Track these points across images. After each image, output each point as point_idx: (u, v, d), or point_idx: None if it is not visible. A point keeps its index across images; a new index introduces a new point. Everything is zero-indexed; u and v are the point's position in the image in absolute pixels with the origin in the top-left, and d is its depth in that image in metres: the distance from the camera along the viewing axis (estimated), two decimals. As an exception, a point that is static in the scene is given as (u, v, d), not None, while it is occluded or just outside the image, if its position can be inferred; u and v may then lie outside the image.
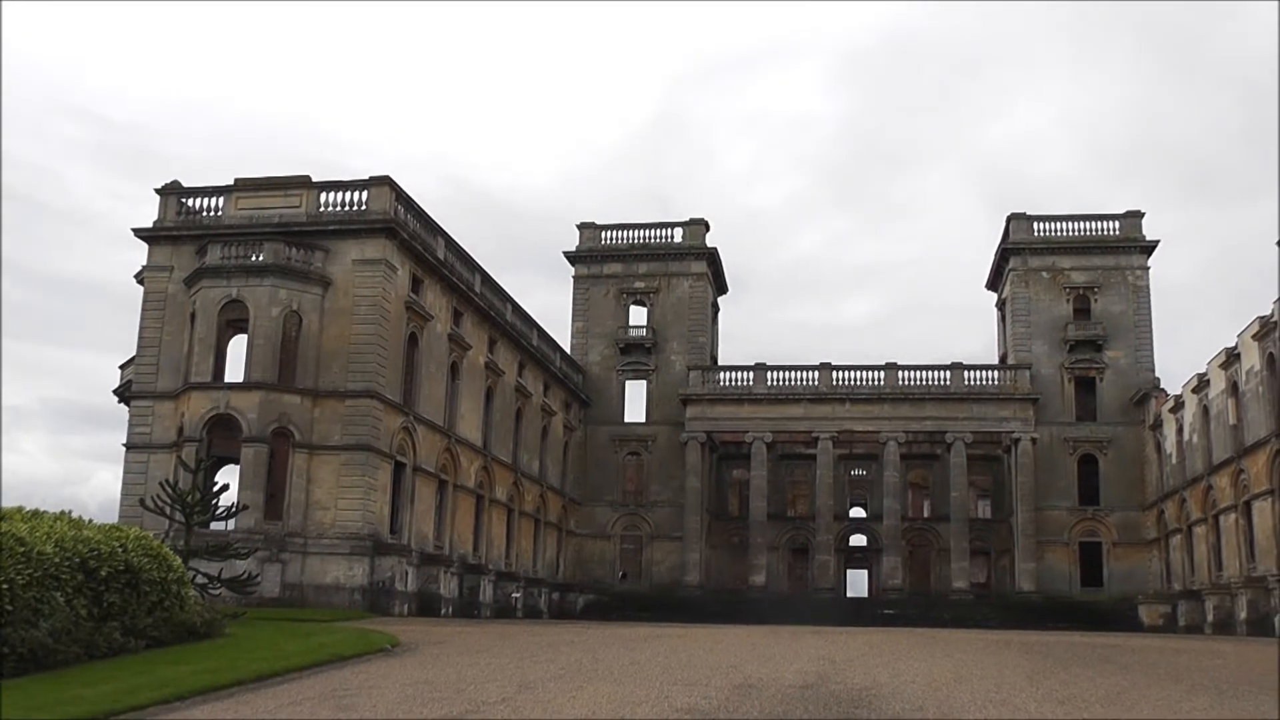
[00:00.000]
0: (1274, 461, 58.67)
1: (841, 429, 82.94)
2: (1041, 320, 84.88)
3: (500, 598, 63.49)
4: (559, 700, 18.07)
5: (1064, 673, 24.40)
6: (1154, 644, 40.23)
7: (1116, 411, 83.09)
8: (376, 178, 54.79)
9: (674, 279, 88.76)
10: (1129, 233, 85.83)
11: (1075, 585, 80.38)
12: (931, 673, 23.38)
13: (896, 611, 71.86)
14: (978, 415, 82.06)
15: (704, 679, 21.19)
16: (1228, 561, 65.16)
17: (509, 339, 69.57)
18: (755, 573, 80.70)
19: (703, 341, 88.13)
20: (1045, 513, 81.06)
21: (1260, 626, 53.81)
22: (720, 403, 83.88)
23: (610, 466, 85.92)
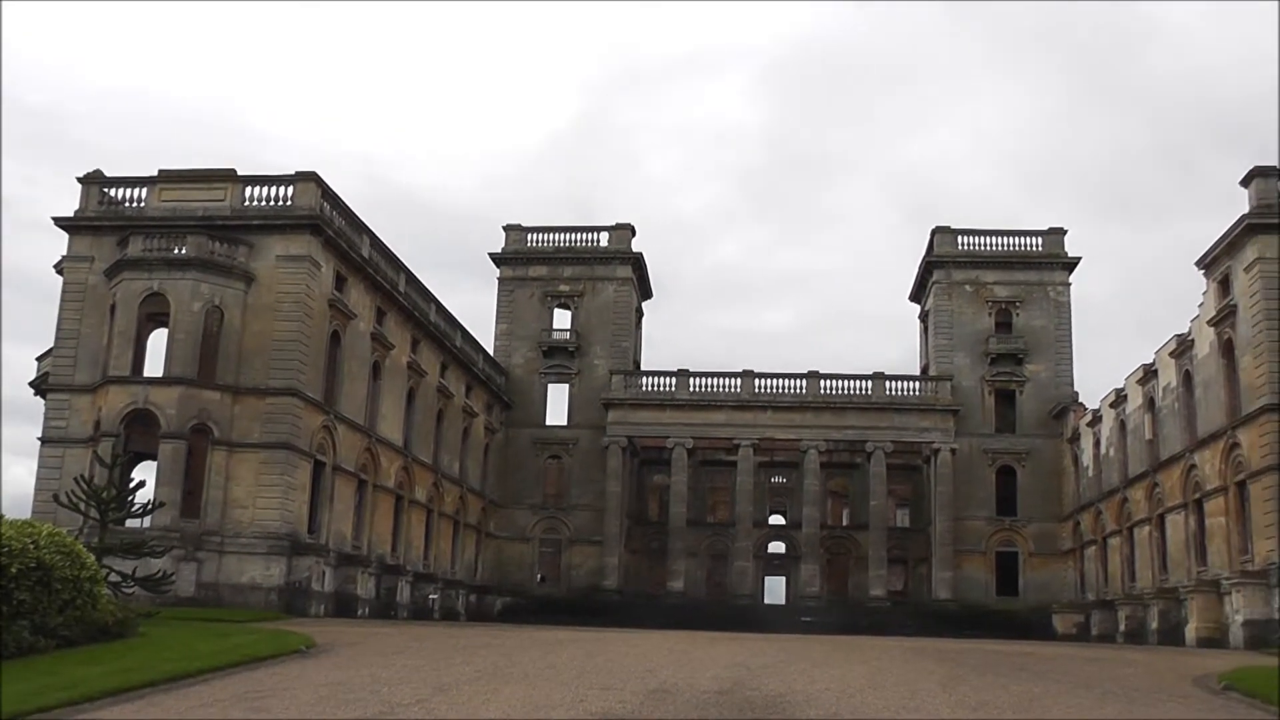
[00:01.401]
0: (1188, 476, 59.71)
1: (763, 436, 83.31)
2: (964, 333, 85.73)
3: (418, 599, 63.19)
4: (474, 703, 18.08)
5: (977, 680, 24.65)
6: (1067, 652, 40.70)
7: (1036, 424, 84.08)
8: (302, 173, 54.39)
9: (599, 283, 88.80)
10: (1051, 249, 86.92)
11: (991, 594, 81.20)
12: (846, 679, 23.54)
13: (814, 619, 72.15)
14: (899, 425, 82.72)
15: (619, 683, 21.26)
16: (1141, 573, 66.17)
17: (432, 339, 69.34)
18: (674, 578, 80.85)
19: (626, 346, 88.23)
20: (963, 522, 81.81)
21: (1171, 636, 54.63)
22: (642, 408, 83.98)
23: (531, 469, 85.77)
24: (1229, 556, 54.24)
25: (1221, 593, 51.33)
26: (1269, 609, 48.06)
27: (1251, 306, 52.07)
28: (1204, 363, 58.19)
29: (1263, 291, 51.27)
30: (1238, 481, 53.88)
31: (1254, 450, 51.70)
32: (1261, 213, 51.80)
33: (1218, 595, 51.65)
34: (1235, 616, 49.32)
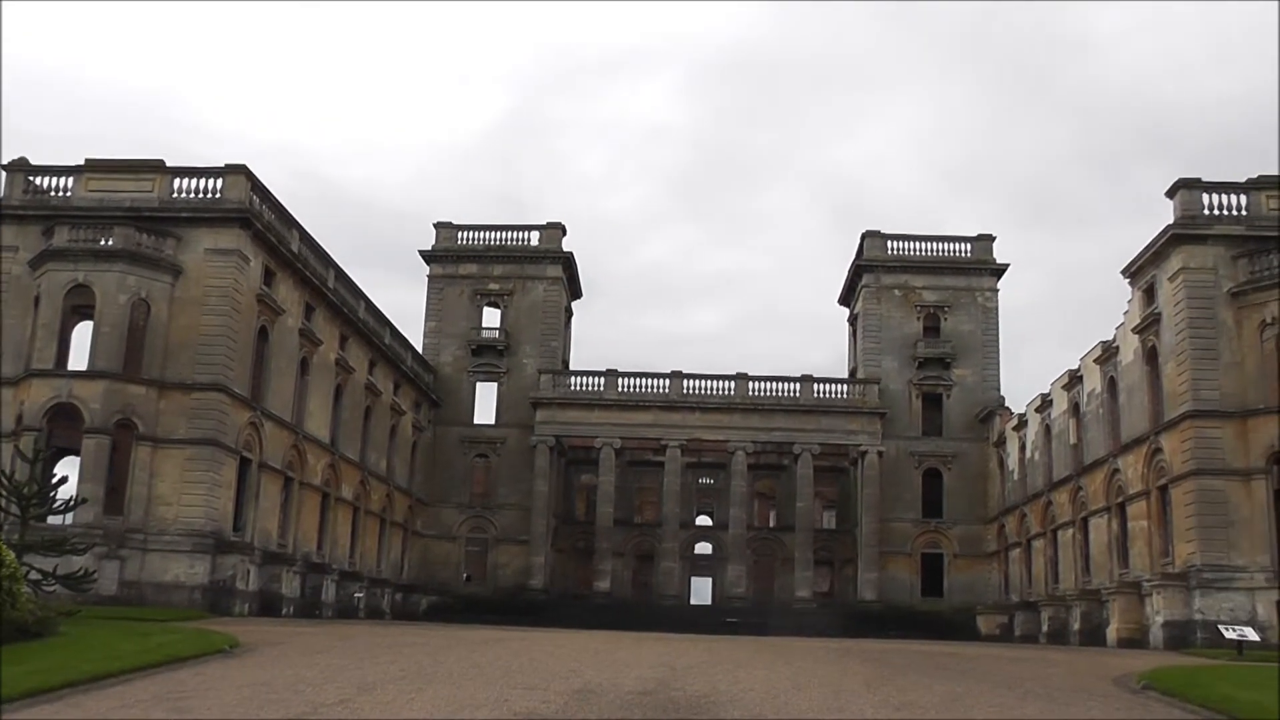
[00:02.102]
0: (1111, 480, 60.47)
1: (691, 437, 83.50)
2: (892, 336, 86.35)
3: (343, 598, 62.76)
4: (398, 702, 18.02)
5: (901, 680, 24.84)
6: (990, 652, 41.09)
7: (962, 428, 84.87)
8: (232, 166, 53.85)
9: (529, 282, 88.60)
10: (980, 255, 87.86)
11: (916, 595, 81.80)
12: (771, 680, 23.63)
13: (740, 619, 72.29)
14: (826, 427, 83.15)
15: (544, 683, 21.25)
16: (1064, 574, 66.98)
17: (361, 336, 68.94)
18: (600, 578, 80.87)
19: (555, 345, 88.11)
20: (889, 524, 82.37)
21: (1093, 637, 55.37)
22: (571, 407, 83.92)
23: (458, 468, 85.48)
24: (1150, 559, 55.00)
25: (1142, 594, 52.05)
26: (1188, 610, 48.92)
27: (1175, 315, 52.78)
28: (1128, 369, 58.96)
29: (1187, 300, 51.99)
30: (1160, 486, 54.62)
31: (1176, 455, 52.42)
32: (1186, 223, 52.57)
33: (1139, 597, 52.37)
34: (1155, 618, 50.08)
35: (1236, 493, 50.20)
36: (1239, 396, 50.93)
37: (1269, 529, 49.50)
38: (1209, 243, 52.39)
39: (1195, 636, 47.64)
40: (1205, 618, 48.06)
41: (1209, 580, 49.00)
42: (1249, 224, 52.54)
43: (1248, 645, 42.33)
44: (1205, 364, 51.38)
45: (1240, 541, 49.54)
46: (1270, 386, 51.05)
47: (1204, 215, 52.91)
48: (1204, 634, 47.24)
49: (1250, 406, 50.67)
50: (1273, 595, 48.21)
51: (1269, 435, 49.94)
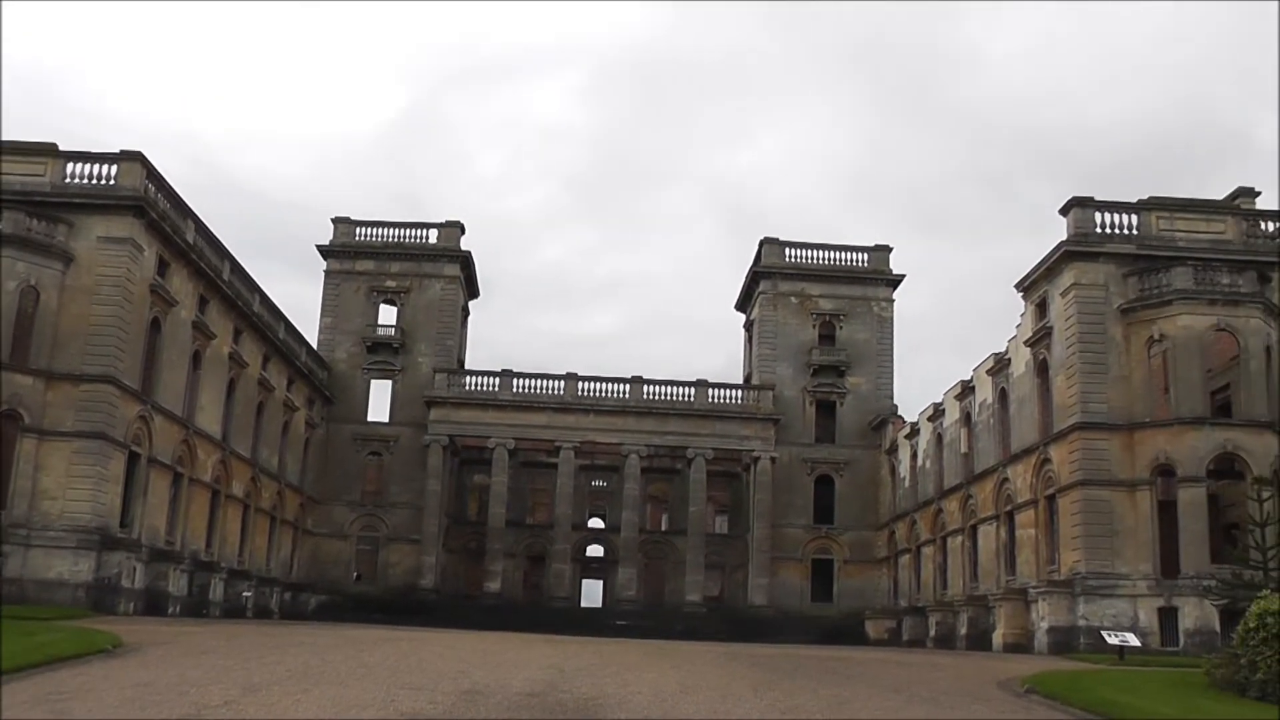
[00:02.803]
0: (1001, 489, 61.38)
1: (584, 439, 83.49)
2: (788, 343, 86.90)
3: (231, 597, 61.97)
4: (283, 704, 17.83)
5: (789, 684, 24.98)
6: (878, 657, 41.50)
7: (855, 435, 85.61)
8: (128, 152, 52.78)
9: (426, 280, 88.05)
10: (877, 265, 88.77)
11: (806, 600, 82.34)
12: (659, 683, 23.68)
13: (630, 622, 72.49)
14: (720, 432, 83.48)
15: (431, 684, 21.15)
16: (952, 581, 67.91)
17: (255, 330, 68.08)
18: (491, 579, 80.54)
19: (451, 344, 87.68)
20: (781, 530, 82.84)
21: (979, 641, 56.29)
22: (465, 407, 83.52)
23: (351, 466, 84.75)
24: (1037, 566, 55.96)
25: (1028, 600, 52.96)
26: (1072, 616, 49.88)
27: (1066, 329, 53.71)
28: (1019, 381, 59.87)
29: (1078, 315, 52.94)
30: (1048, 495, 55.57)
31: (1064, 466, 53.31)
32: (1078, 241, 53.57)
33: (1025, 603, 53.28)
34: (1040, 623, 50.98)
35: (1122, 503, 51.16)
36: (1126, 410, 51.97)
37: (1152, 538, 50.55)
38: (1100, 260, 53.47)
39: (1079, 642, 48.53)
40: (1089, 623, 48.97)
41: (1093, 587, 49.91)
42: (1139, 243, 53.67)
43: (1129, 650, 43.38)
44: (1094, 378, 52.36)
45: (1125, 550, 50.51)
46: (1157, 401, 52.37)
47: (1096, 233, 53.96)
48: (1087, 639, 48.14)
49: (1137, 420, 51.74)
50: (1155, 602, 49.26)
51: (1154, 448, 50.97)
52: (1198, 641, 46.55)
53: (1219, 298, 51.64)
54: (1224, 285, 51.93)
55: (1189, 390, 51.39)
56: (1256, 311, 51.87)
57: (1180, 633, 48.34)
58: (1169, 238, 53.97)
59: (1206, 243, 53.93)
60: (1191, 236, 54.06)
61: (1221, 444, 50.37)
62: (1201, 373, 51.95)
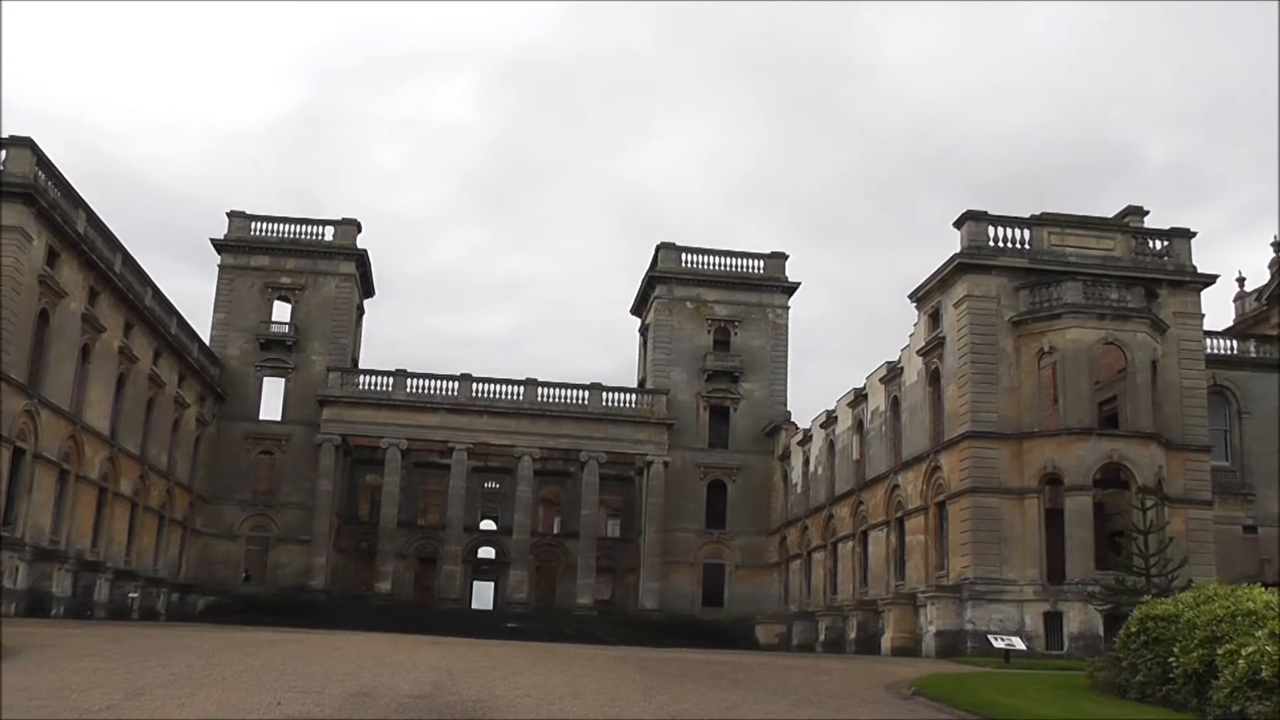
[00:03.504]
0: (891, 495, 62.04)
1: (478, 441, 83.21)
2: (682, 348, 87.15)
3: (117, 598, 61.03)
4: (168, 707, 17.56)
5: (677, 688, 25.03)
6: (767, 661, 41.69)
7: (748, 441, 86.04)
8: (17, 138, 51.49)
9: (322, 277, 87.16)
10: (772, 272, 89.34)
11: (697, 605, 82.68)
12: (547, 686, 23.65)
13: (520, 625, 72.42)
14: (613, 436, 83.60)
15: (319, 686, 20.95)
16: (842, 586, 68.49)
17: (147, 325, 66.90)
18: (382, 579, 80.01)
19: (345, 343, 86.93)
20: (673, 534, 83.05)
21: (868, 646, 56.89)
22: (358, 406, 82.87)
23: (242, 464, 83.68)
24: (926, 571, 56.70)
25: (917, 605, 53.63)
26: (960, 620, 50.57)
27: (959, 340, 54.43)
28: (911, 390, 60.54)
29: (970, 327, 53.70)
30: (938, 502, 56.30)
31: (954, 473, 54.01)
32: (972, 253, 54.33)
33: (913, 608, 53.95)
34: (929, 627, 51.64)
35: (1010, 510, 51.96)
36: (1016, 420, 52.80)
37: (1039, 545, 51.47)
38: (993, 273, 54.34)
39: (966, 645, 49.24)
40: (976, 628, 49.69)
41: (981, 592, 50.63)
42: (1031, 257, 54.65)
43: (1014, 654, 44.22)
44: (985, 388, 53.12)
45: (1012, 556, 51.31)
46: (1046, 411, 53.33)
47: (989, 247, 54.82)
48: (974, 643, 48.86)
49: (1026, 429, 52.59)
50: (1041, 607, 50.15)
51: (1043, 457, 51.87)
52: (1081, 645, 47.50)
53: (1108, 312, 52.63)
54: (1113, 300, 52.94)
55: (1077, 401, 52.29)
56: (1144, 326, 52.99)
57: (1065, 637, 49.28)
58: (1060, 253, 54.95)
59: (1097, 259, 54.99)
60: (1082, 252, 55.09)
61: (1108, 454, 51.33)
62: (1090, 385, 52.90)
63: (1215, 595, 22.91)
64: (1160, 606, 24.18)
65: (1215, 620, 21.07)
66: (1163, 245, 56.96)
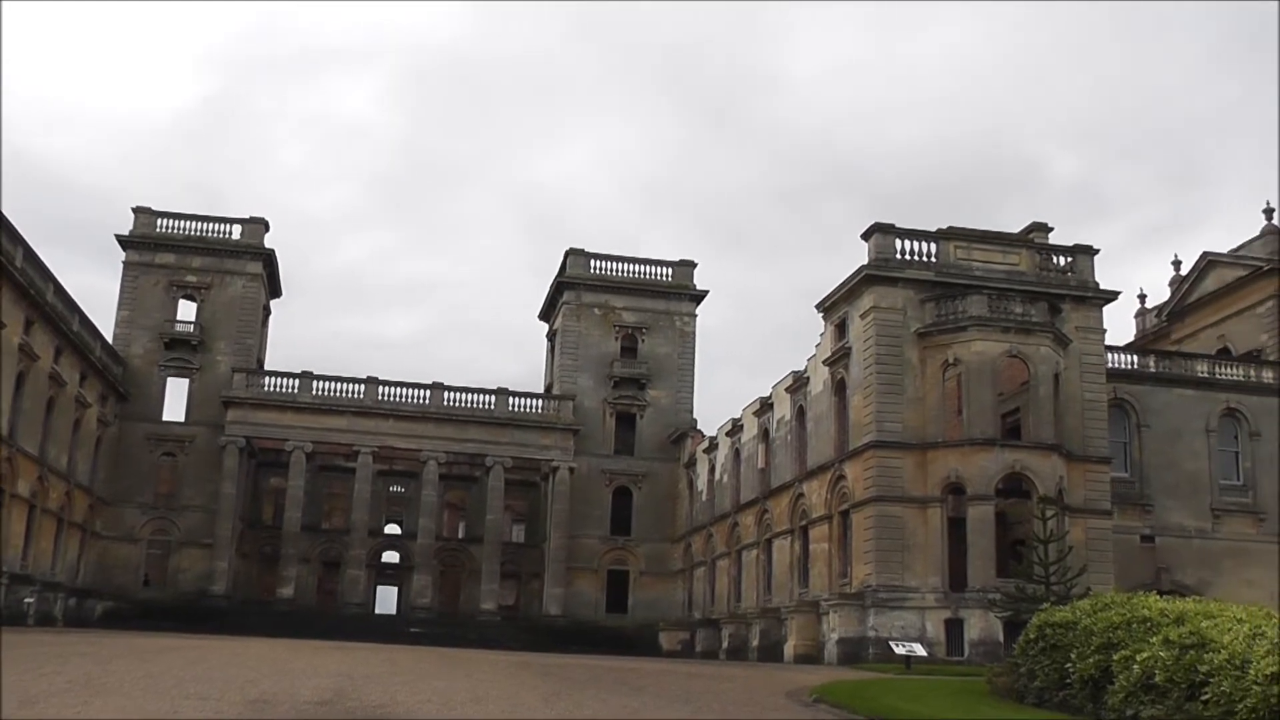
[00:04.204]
0: (795, 504, 62.43)
1: (383, 444, 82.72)
2: (590, 355, 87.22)
3: (12, 604, 59.73)
4: (62, 716, 17.28)
5: (579, 694, 25.03)
6: (670, 668, 41.78)
7: (654, 448, 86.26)
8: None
9: (228, 277, 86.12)
10: (681, 280, 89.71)
11: (601, 611, 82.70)
12: (449, 691, 23.56)
13: (424, 630, 72.02)
14: (519, 441, 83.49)
15: (218, 693, 20.72)
16: (746, 593, 68.82)
17: (48, 322, 65.54)
18: (285, 584, 79.30)
19: (251, 344, 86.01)
20: (578, 540, 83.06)
21: (771, 653, 57.08)
22: (263, 408, 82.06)
23: (144, 466, 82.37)
24: (829, 579, 57.13)
25: (820, 613, 53.97)
26: (862, 628, 51.01)
27: (864, 351, 54.91)
28: (817, 399, 60.97)
29: (875, 338, 54.16)
30: (842, 511, 56.73)
31: (858, 482, 54.46)
32: (879, 265, 54.87)
33: (816, 615, 54.29)
34: (831, 635, 51.99)
35: (913, 519, 52.48)
36: (920, 430, 53.32)
37: (942, 553, 52.06)
38: (900, 285, 54.91)
39: (868, 652, 49.67)
40: (878, 634, 50.14)
41: (883, 600, 51.09)
42: (938, 270, 55.28)
43: (915, 660, 44.64)
44: (890, 398, 53.61)
45: (915, 564, 51.85)
46: (950, 422, 53.90)
47: (896, 259, 55.38)
48: (876, 650, 49.32)
49: (930, 440, 53.14)
50: (942, 614, 50.71)
51: (946, 467, 52.42)
52: (982, 651, 48.01)
53: (1012, 326, 53.30)
54: (1017, 314, 53.64)
55: (981, 413, 52.92)
56: (1047, 340, 53.75)
57: (966, 643, 49.81)
58: (966, 266, 55.66)
59: (1002, 273, 55.74)
60: (988, 266, 55.84)
61: (1010, 464, 51.98)
62: (993, 396, 53.55)
63: (1112, 603, 23.30)
64: (1059, 614, 24.55)
65: (1112, 627, 21.46)
66: (1067, 261, 57.93)
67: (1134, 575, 56.03)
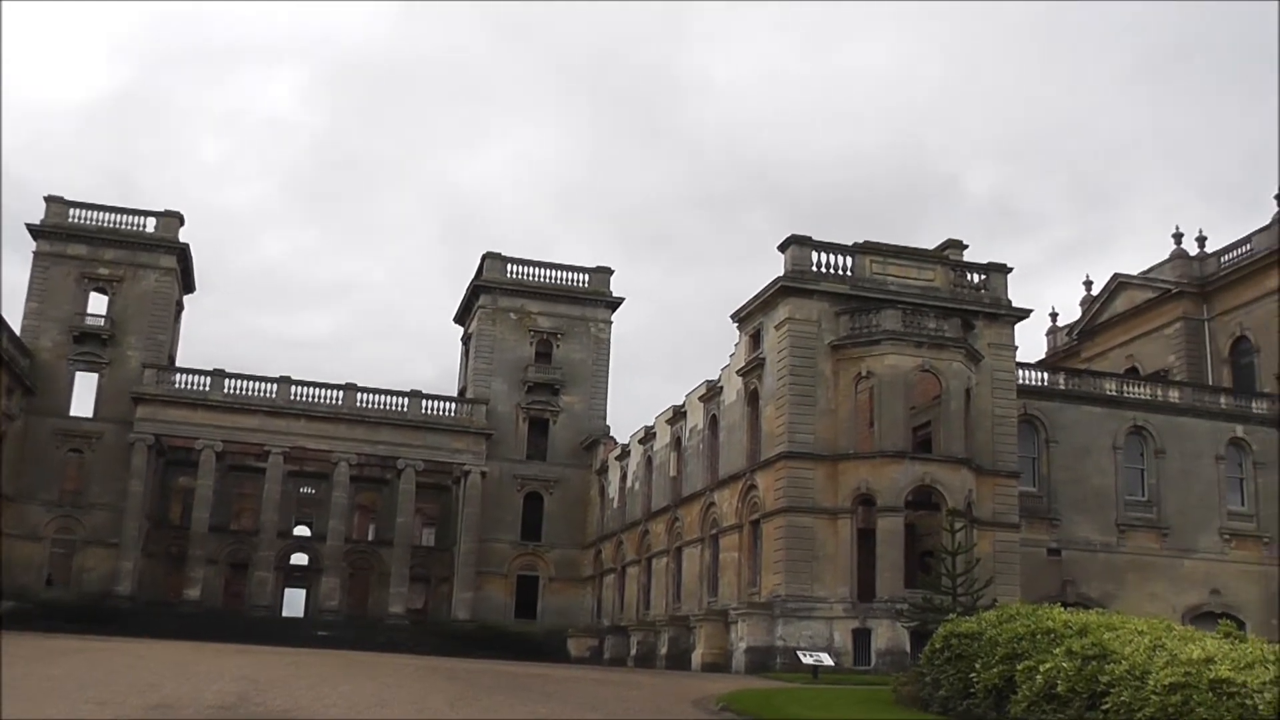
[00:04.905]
0: (706, 513, 62.59)
1: (295, 445, 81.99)
2: (504, 359, 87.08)
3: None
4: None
5: (486, 699, 24.99)
6: (578, 674, 41.85)
7: (567, 454, 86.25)
8: None
9: (141, 270, 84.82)
10: (597, 286, 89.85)
11: (510, 616, 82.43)
12: (355, 696, 23.46)
13: (331, 633, 71.56)
14: (432, 444, 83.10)
15: (119, 698, 20.50)
16: (655, 601, 69.01)
17: (-47, 315, 64.63)
18: (191, 585, 78.23)
19: (164, 339, 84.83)
20: (488, 545, 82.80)
21: (679, 661, 57.20)
22: (174, 405, 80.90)
23: (50, 462, 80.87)
24: (739, 588, 57.31)
25: (729, 622, 54.10)
26: (770, 637, 51.18)
27: (778, 362, 55.12)
28: (730, 409, 61.15)
29: (790, 349, 54.41)
30: (752, 520, 56.93)
31: (769, 492, 54.65)
32: (795, 277, 55.10)
33: (725, 624, 54.44)
34: (739, 643, 52.12)
35: (823, 529, 52.73)
36: (831, 442, 53.65)
37: (851, 563, 52.35)
38: (815, 297, 55.18)
39: (775, 661, 49.82)
40: (786, 644, 50.28)
41: (792, 609, 51.30)
42: (853, 284, 55.67)
43: (823, 669, 44.90)
44: (803, 409, 53.88)
45: (824, 574, 52.10)
46: (861, 434, 54.33)
47: (812, 271, 55.65)
48: (783, 659, 49.42)
49: (841, 451, 53.46)
50: (850, 624, 51.00)
51: (857, 478, 52.77)
52: (889, 661, 48.37)
53: (925, 340, 53.75)
54: (930, 329, 54.12)
55: (892, 425, 53.31)
56: (959, 356, 54.29)
57: (873, 653, 50.16)
58: (881, 281, 56.07)
59: (917, 288, 56.22)
60: (903, 281, 56.29)
61: (920, 477, 52.38)
62: (905, 410, 53.96)
63: (1017, 614, 23.58)
64: (964, 624, 24.79)
65: (1016, 638, 21.74)
66: (980, 279, 58.60)
67: (1040, 587, 56.60)
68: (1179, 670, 16.61)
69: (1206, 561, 63.40)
